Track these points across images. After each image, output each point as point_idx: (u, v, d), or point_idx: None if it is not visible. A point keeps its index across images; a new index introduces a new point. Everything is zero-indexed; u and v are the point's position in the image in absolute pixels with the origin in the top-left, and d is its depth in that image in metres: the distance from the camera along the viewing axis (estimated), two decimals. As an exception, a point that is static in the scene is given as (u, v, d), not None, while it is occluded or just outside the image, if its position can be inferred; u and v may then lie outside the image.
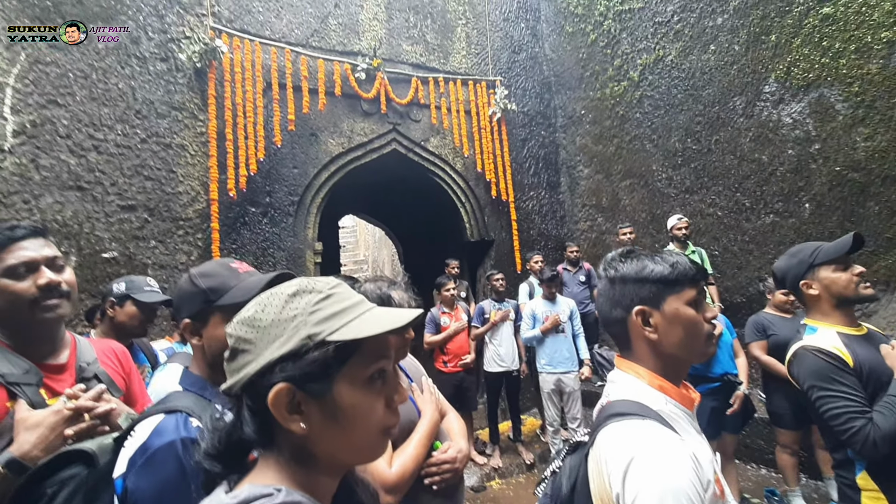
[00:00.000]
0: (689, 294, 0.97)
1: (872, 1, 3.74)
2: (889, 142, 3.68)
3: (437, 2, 5.68)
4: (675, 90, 5.20)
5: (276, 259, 4.55)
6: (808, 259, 1.59)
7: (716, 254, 4.88)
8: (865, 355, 1.45)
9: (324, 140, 4.88)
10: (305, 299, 0.64)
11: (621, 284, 1.02)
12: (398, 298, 1.47)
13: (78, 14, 4.01)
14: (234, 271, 1.16)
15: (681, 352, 0.97)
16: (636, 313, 0.98)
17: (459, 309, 4.40)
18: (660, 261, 0.99)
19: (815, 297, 1.57)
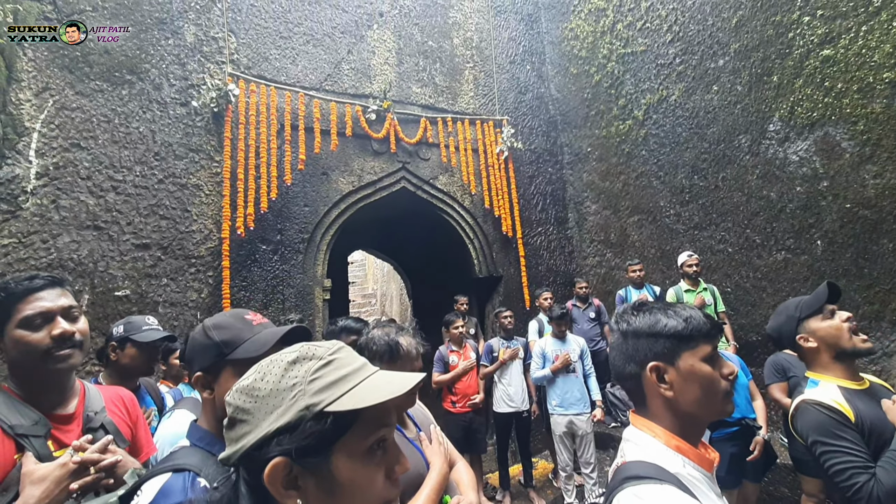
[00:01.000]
0: (705, 350, 0.95)
1: (872, 43, 3.82)
2: (899, 179, 3.67)
3: (445, 47, 5.90)
4: (679, 129, 5.28)
5: (285, 296, 4.57)
6: (794, 314, 1.61)
7: (728, 291, 4.82)
8: (867, 410, 1.42)
9: (335, 179, 4.99)
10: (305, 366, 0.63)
11: (634, 339, 1.00)
12: (406, 345, 1.47)
13: (105, 63, 4.23)
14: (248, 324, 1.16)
15: (697, 410, 0.95)
16: (650, 369, 0.96)
17: (468, 347, 4.35)
18: (673, 315, 0.98)
19: (814, 349, 1.57)
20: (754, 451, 2.95)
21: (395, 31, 5.58)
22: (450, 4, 6.05)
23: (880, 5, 3.76)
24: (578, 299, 5.49)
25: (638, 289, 5.07)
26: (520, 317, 5.54)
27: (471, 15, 6.19)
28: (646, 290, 5.05)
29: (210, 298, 4.30)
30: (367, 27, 5.41)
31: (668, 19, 5.34)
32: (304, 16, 5.10)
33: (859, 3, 3.87)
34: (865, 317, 3.89)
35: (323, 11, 5.21)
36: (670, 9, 5.32)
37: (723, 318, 4.48)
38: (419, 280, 7.61)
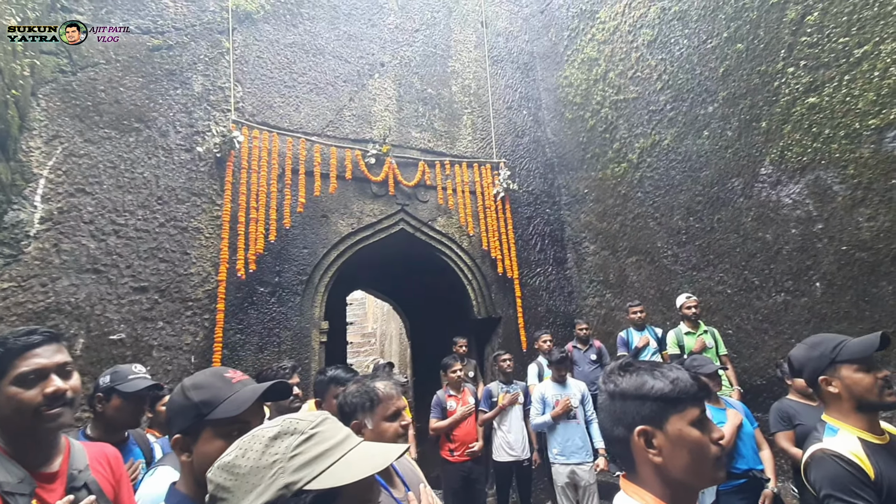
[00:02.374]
0: (693, 413, 0.93)
1: (856, 91, 3.94)
2: (892, 222, 3.69)
3: (444, 94, 6.12)
4: (673, 171, 5.38)
5: (282, 339, 4.53)
6: (829, 354, 1.51)
7: (729, 333, 4.76)
8: (888, 469, 1.34)
9: (334, 221, 5.05)
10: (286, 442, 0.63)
11: (622, 401, 0.98)
12: (382, 388, 1.47)
13: (115, 112, 4.39)
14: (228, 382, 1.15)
15: (687, 477, 0.91)
16: (638, 433, 0.94)
17: (467, 391, 4.26)
18: (660, 376, 0.97)
19: (835, 395, 1.49)
20: (763, 504, 2.83)
21: (395, 80, 5.80)
22: (448, 55, 6.33)
23: (861, 56, 3.91)
24: (579, 341, 5.42)
25: (639, 330, 5.01)
26: (518, 359, 5.45)
27: (469, 64, 6.45)
28: (647, 331, 4.99)
29: (205, 342, 4.27)
30: (368, 76, 5.63)
31: (657, 69, 5.56)
32: (308, 66, 5.32)
33: (840, 54, 4.03)
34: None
35: (326, 62, 5.44)
36: (659, 59, 5.54)
37: (725, 362, 4.40)
38: (418, 320, 7.56)
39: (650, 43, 5.66)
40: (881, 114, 3.77)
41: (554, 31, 7.04)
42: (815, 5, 4.20)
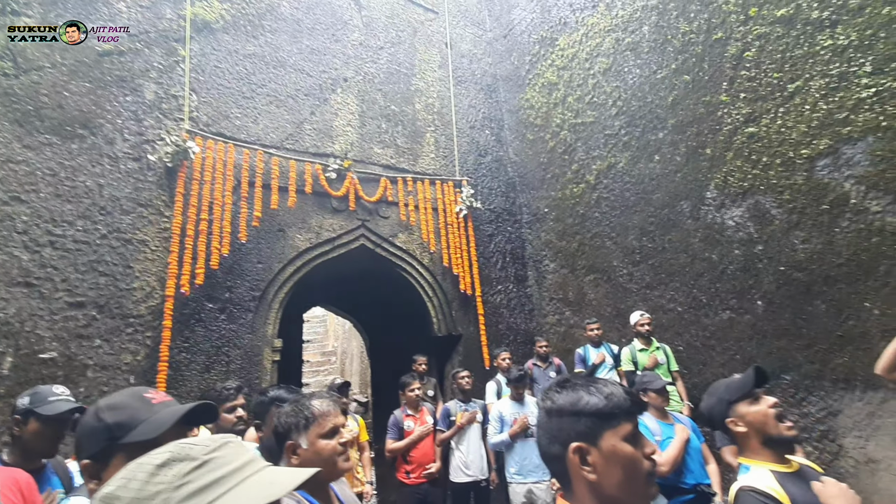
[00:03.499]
0: (626, 428, 0.93)
1: (790, 123, 4.24)
2: (824, 244, 3.95)
3: (407, 111, 6.16)
4: (627, 193, 5.59)
5: (231, 358, 4.32)
6: (725, 397, 1.61)
7: (680, 349, 4.91)
8: (800, 495, 1.41)
9: (291, 235, 4.92)
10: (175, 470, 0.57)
11: (558, 417, 0.97)
12: (319, 406, 1.42)
13: (57, 117, 4.15)
14: (147, 402, 1.07)
15: (620, 494, 0.91)
16: (573, 451, 0.93)
17: (425, 411, 4.18)
18: (595, 391, 0.97)
19: (744, 433, 1.57)
20: (711, 520, 2.88)
21: (358, 96, 5.80)
22: (412, 73, 6.39)
23: (794, 91, 4.23)
24: (539, 358, 5.45)
25: (596, 347, 5.10)
26: (480, 377, 5.42)
27: (433, 83, 6.54)
28: (603, 348, 5.08)
29: (146, 361, 4.02)
30: (330, 91, 5.60)
31: (612, 95, 5.81)
32: (268, 78, 5.24)
33: (776, 88, 4.34)
34: (808, 376, 4.03)
35: (287, 75, 5.38)
36: (614, 86, 5.80)
37: (676, 378, 4.54)
38: (378, 338, 7.42)
39: (606, 71, 5.92)
40: (812, 144, 4.07)
41: (516, 55, 7.27)
42: (753, 42, 4.52)
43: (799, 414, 4.05)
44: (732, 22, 4.69)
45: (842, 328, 3.80)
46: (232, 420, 2.25)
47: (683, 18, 5.12)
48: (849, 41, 3.90)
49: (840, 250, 3.85)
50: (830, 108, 3.98)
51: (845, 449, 3.79)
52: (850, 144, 3.86)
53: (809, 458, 3.89)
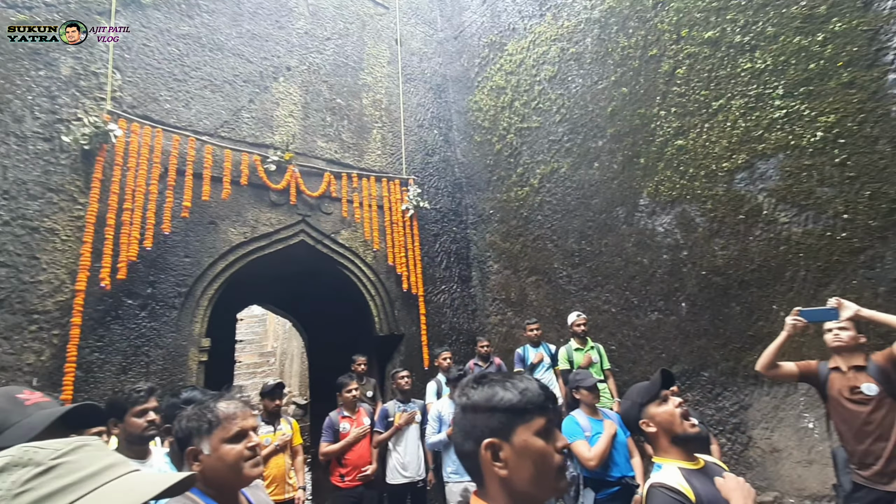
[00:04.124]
0: (539, 423, 0.93)
1: (713, 138, 4.56)
2: (740, 252, 4.28)
3: (354, 106, 6.02)
4: (569, 198, 5.78)
5: (151, 358, 4.01)
6: (637, 400, 1.70)
7: (613, 348, 5.13)
8: (704, 489, 1.51)
9: (224, 229, 4.66)
10: (14, 476, 0.49)
11: (472, 413, 0.96)
12: (223, 409, 1.33)
13: (-54, 86, 3.68)
14: (20, 404, 0.95)
15: (531, 489, 0.91)
16: (485, 447, 0.92)
17: (362, 412, 4.08)
18: (510, 387, 0.96)
19: (654, 434, 1.66)
20: (635, 511, 3.02)
21: (302, 86, 5.59)
22: (360, 67, 6.26)
23: (717, 108, 4.54)
24: (480, 358, 5.50)
25: (535, 347, 5.22)
26: (421, 377, 5.40)
27: (381, 79, 6.44)
28: (542, 348, 5.21)
29: (52, 362, 3.64)
30: (272, 79, 5.36)
31: (556, 102, 5.99)
32: (203, 61, 4.93)
33: (701, 104, 4.65)
34: (723, 373, 4.33)
35: (225, 59, 5.09)
36: (558, 94, 5.98)
37: (608, 375, 4.73)
38: (318, 338, 7.19)
39: (551, 78, 6.09)
40: (731, 158, 4.39)
41: (466, 57, 7.32)
42: (684, 61, 4.82)
43: (715, 408, 4.35)
44: (666, 40, 4.97)
45: (753, 328, 4.13)
46: (141, 425, 2.07)
47: (623, 33, 5.37)
48: (765, 65, 4.25)
49: (753, 257, 4.18)
50: (748, 126, 4.31)
51: (754, 440, 4.12)
52: (763, 160, 4.20)
53: (723, 449, 4.20)
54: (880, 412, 2.47)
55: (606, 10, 5.56)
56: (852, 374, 2.58)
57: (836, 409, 2.63)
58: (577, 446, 3.11)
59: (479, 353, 5.49)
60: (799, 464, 3.82)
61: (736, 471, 4.13)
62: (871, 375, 2.53)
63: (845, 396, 2.57)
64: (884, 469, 2.43)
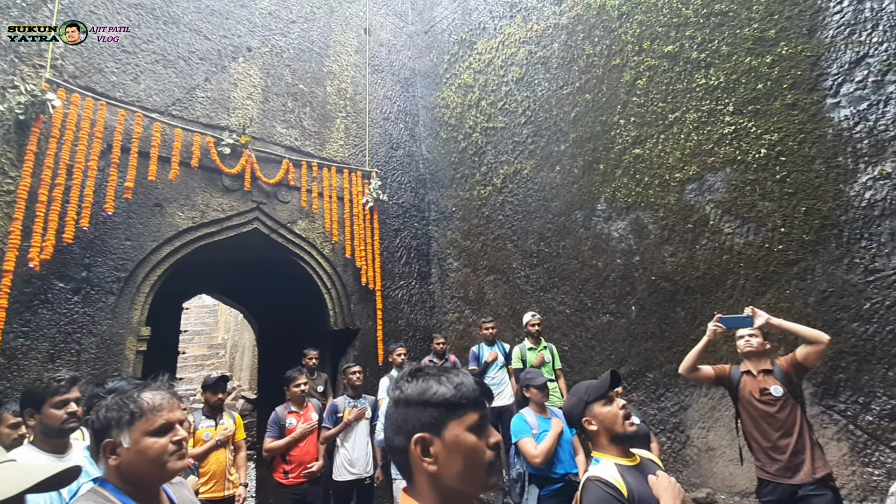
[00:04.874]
0: (472, 418, 0.92)
1: (668, 148, 4.73)
2: (687, 259, 4.46)
3: (317, 93, 5.86)
4: (530, 199, 5.86)
5: (83, 346, 3.76)
6: (583, 398, 1.74)
7: (565, 349, 5.25)
8: (637, 485, 1.56)
9: (171, 212, 4.42)
10: None
11: (404, 407, 0.93)
12: (148, 400, 1.25)
13: None
14: None
15: (461, 484, 0.89)
16: (415, 442, 0.89)
17: (310, 407, 3.98)
18: (445, 381, 0.94)
19: (595, 432, 1.70)
20: (576, 506, 3.08)
21: (263, 69, 5.39)
22: (326, 54, 6.10)
23: (673, 120, 4.72)
24: (435, 355, 5.48)
25: (490, 345, 5.25)
26: (376, 373, 5.33)
27: (347, 68, 6.30)
28: (497, 347, 5.25)
29: (-34, 348, 3.34)
30: (231, 58, 5.13)
31: (522, 104, 6.05)
32: (156, 34, 4.66)
33: (658, 116, 4.81)
34: (667, 374, 4.51)
35: (181, 34, 4.83)
36: (524, 96, 6.04)
37: (559, 375, 4.83)
38: (270, 330, 6.96)
39: (518, 80, 6.15)
40: (684, 169, 4.57)
41: (436, 52, 7.28)
42: (644, 73, 4.97)
43: (657, 408, 4.53)
44: (629, 51, 5.12)
45: (695, 333, 4.31)
46: (60, 417, 1.91)
47: (588, 41, 5.49)
48: (718, 82, 4.45)
49: (699, 264, 4.37)
50: (700, 139, 4.51)
51: (691, 439, 4.31)
52: (712, 173, 4.40)
53: (663, 447, 4.38)
54: (785, 411, 2.69)
55: (574, 17, 5.67)
56: (762, 377, 2.80)
57: (746, 409, 2.83)
58: (524, 444, 3.15)
59: (435, 350, 5.47)
60: (731, 462, 4.03)
61: (673, 468, 4.32)
62: (777, 378, 2.76)
63: (756, 398, 2.78)
64: (788, 463, 2.64)
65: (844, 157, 3.74)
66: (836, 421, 3.60)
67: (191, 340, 12.98)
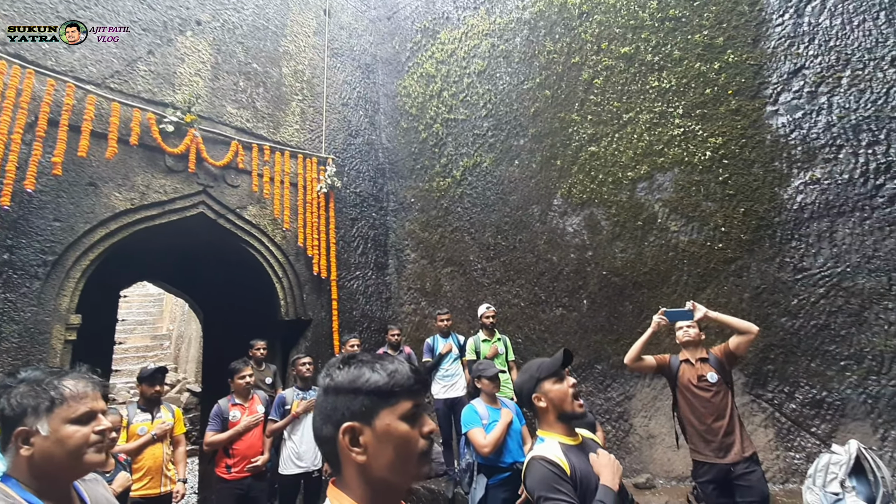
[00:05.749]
0: (405, 406, 0.88)
1: (622, 147, 4.87)
2: (636, 255, 4.62)
3: (272, 73, 5.61)
4: (489, 192, 5.88)
5: (3, 334, 3.45)
6: (535, 374, 1.75)
7: (519, 341, 5.33)
8: (579, 463, 1.61)
9: (106, 192, 4.11)
10: None
11: (334, 395, 0.89)
12: (71, 387, 1.16)
13: None
14: None
15: (391, 475, 0.86)
16: (343, 431, 0.85)
17: (256, 399, 3.83)
18: (379, 369, 0.90)
19: (544, 409, 1.72)
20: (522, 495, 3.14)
21: (213, 44, 5.09)
22: (282, 33, 5.85)
23: (627, 120, 4.86)
24: (390, 346, 5.43)
25: (444, 337, 5.25)
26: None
27: (305, 49, 6.07)
28: (451, 338, 5.26)
29: None
30: (178, 31, 4.82)
31: (483, 97, 6.05)
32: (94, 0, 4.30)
33: (613, 115, 4.94)
34: (614, 366, 4.67)
35: (122, 1, 4.48)
36: (486, 89, 6.04)
37: (512, 367, 4.90)
38: (217, 321, 6.66)
39: (480, 72, 6.14)
40: (635, 168, 4.72)
41: (398, 40, 7.15)
42: (602, 72, 5.08)
43: (604, 398, 4.69)
44: (588, 50, 5.21)
45: (641, 326, 4.48)
46: None
47: (549, 38, 5.54)
48: (670, 85, 4.61)
49: (646, 261, 4.54)
50: (651, 140, 4.66)
51: (634, 427, 4.50)
52: (662, 173, 4.56)
53: (608, 435, 4.54)
54: (719, 396, 2.91)
55: (536, 13, 5.70)
56: (699, 365, 3.01)
57: (684, 395, 3.03)
58: (474, 434, 3.17)
59: (390, 342, 5.42)
60: (669, 448, 4.23)
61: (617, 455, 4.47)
62: (712, 366, 2.99)
63: (693, 384, 2.98)
64: (721, 444, 2.86)
65: (780, 162, 3.97)
66: (764, 409, 3.85)
67: (132, 331, 12.27)
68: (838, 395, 3.57)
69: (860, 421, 3.48)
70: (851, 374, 3.53)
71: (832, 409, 3.59)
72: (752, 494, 2.80)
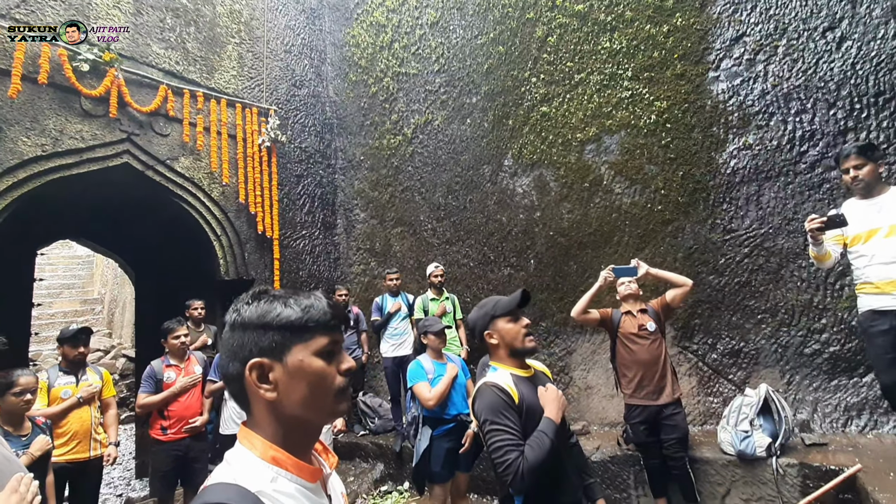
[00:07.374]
0: (320, 342, 0.84)
1: (573, 109, 4.87)
2: (582, 216, 4.73)
3: (205, 11, 5.11)
4: (440, 151, 5.77)
5: None
6: (490, 311, 1.78)
7: (467, 300, 5.40)
8: (527, 394, 1.67)
9: (12, 137, 3.66)
10: None
11: (241, 332, 0.83)
12: None
13: None
14: None
15: (304, 412, 0.82)
16: (251, 367, 0.80)
17: (193, 360, 3.68)
18: (292, 303, 0.85)
19: (496, 345, 1.78)
20: (466, 443, 3.25)
21: (133, -27, 4.54)
22: (216, -33, 5.30)
23: (578, 81, 4.85)
24: (338, 307, 5.35)
25: (394, 297, 5.23)
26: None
27: (242, -13, 5.55)
28: (401, 298, 5.25)
29: None
30: (90, -46, 4.24)
31: (436, 51, 5.83)
32: None
33: (566, 75, 4.91)
34: (557, 323, 4.85)
35: (16, -89, 3.85)
36: (439, 42, 5.82)
37: (459, 325, 4.98)
38: (150, 282, 6.26)
39: (433, 24, 5.89)
40: (584, 129, 4.76)
41: (347, -16, 6.69)
42: (555, 30, 5.00)
43: (547, 354, 4.88)
44: (542, 6, 5.10)
45: (584, 285, 4.63)
46: None
47: (505, -10, 5.36)
48: (620, 47, 4.61)
49: (591, 221, 4.66)
50: (601, 102, 4.69)
51: (574, 380, 4.74)
52: (609, 135, 4.63)
53: (549, 388, 4.75)
54: (655, 344, 3.25)
55: (492, -38, 5.48)
56: (640, 316, 3.33)
57: (624, 344, 3.34)
58: (419, 388, 3.22)
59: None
60: (605, 398, 4.51)
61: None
62: (651, 317, 3.32)
63: (633, 333, 3.30)
64: (655, 387, 3.21)
65: (718, 127, 4.13)
66: (690, 359, 4.15)
67: (59, 295, 11.39)
68: (754, 345, 3.89)
69: (771, 368, 3.83)
70: (766, 326, 3.85)
71: (748, 357, 3.92)
72: (675, 432, 3.17)
